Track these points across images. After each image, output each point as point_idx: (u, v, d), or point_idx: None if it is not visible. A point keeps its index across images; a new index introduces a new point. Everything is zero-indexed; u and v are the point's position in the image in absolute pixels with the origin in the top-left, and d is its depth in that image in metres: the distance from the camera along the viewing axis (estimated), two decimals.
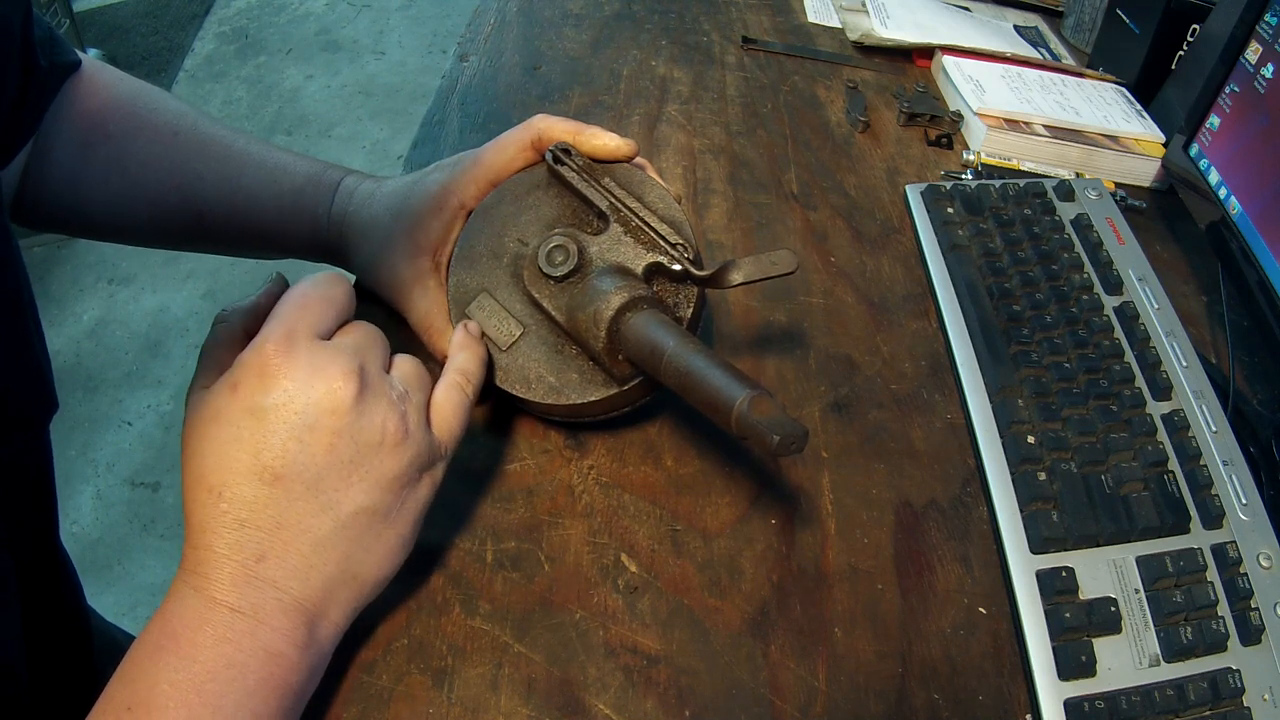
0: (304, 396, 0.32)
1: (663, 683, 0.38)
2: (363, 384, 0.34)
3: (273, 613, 0.32)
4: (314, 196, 0.50)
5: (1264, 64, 0.54)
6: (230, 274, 1.96)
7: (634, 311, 0.39)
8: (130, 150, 0.49)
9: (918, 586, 0.42)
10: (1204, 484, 0.44)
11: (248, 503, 0.32)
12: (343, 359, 0.34)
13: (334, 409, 0.33)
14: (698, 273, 0.42)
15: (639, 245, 0.43)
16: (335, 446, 0.33)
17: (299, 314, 0.34)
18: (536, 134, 0.45)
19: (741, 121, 0.70)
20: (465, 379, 0.40)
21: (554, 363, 0.43)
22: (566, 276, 0.42)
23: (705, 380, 0.36)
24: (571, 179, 0.44)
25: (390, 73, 2.51)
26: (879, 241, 0.61)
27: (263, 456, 0.32)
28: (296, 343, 0.33)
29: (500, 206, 0.46)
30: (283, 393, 0.32)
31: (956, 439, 0.49)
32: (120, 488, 1.60)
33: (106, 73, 0.50)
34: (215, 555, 0.31)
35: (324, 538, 0.33)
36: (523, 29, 0.78)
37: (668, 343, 0.37)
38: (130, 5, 2.67)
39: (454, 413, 0.38)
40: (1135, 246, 0.57)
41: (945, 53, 0.78)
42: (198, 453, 0.33)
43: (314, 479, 0.33)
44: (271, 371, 0.32)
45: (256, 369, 0.33)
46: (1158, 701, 0.38)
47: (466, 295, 0.44)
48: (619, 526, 0.43)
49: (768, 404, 0.34)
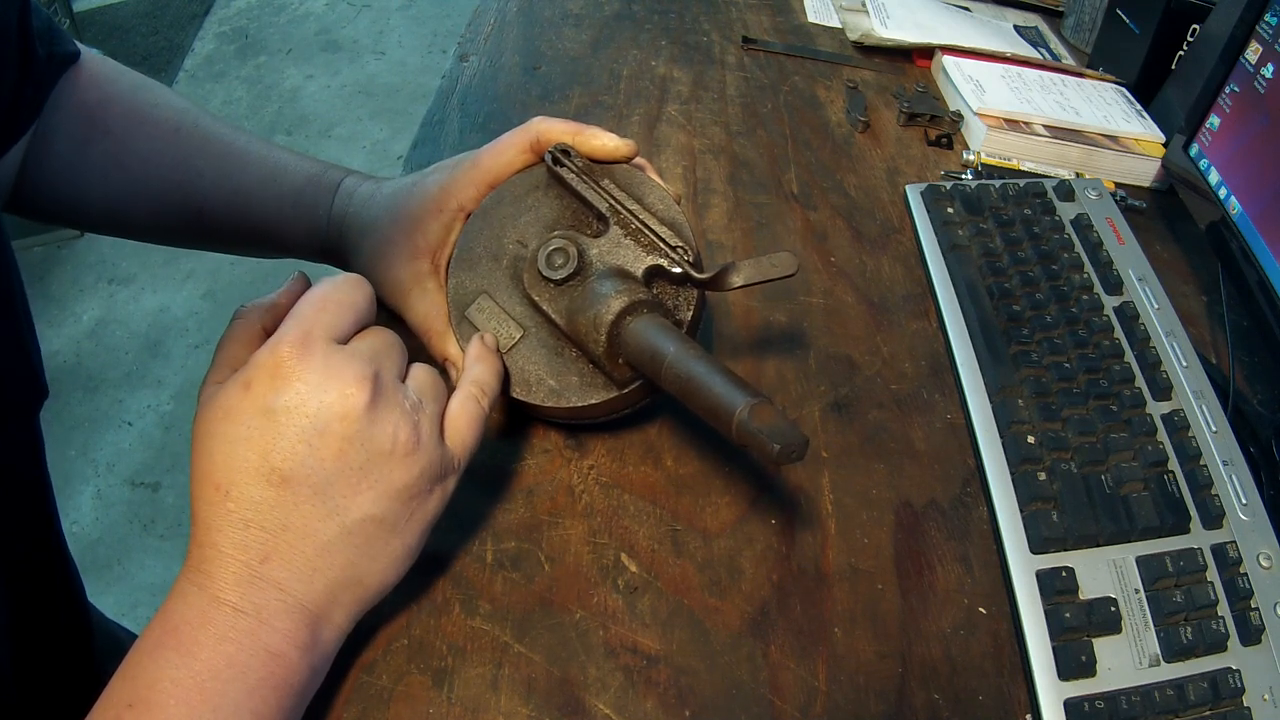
0: (316, 400, 0.32)
1: (663, 683, 0.38)
2: (376, 391, 0.33)
3: (275, 613, 0.32)
4: (314, 197, 0.50)
5: (1264, 64, 0.54)
6: (230, 274, 1.96)
7: (634, 315, 0.39)
8: (131, 146, 0.49)
9: (918, 586, 0.42)
10: (1204, 484, 0.44)
11: (254, 503, 0.32)
12: (357, 364, 0.33)
13: (346, 414, 0.32)
14: (698, 275, 0.42)
15: (639, 247, 0.43)
16: (345, 452, 0.33)
17: (317, 315, 0.34)
18: (535, 136, 0.45)
19: (741, 121, 0.70)
20: (481, 391, 0.39)
21: (554, 365, 0.43)
22: (566, 280, 0.42)
23: (706, 387, 0.36)
24: (571, 180, 0.44)
25: (390, 73, 2.51)
26: (879, 241, 0.61)
27: (271, 458, 0.32)
28: (312, 345, 0.33)
29: (499, 208, 0.46)
30: (295, 395, 0.32)
31: (956, 439, 0.49)
32: (120, 488, 1.60)
33: (107, 67, 0.50)
34: (220, 554, 0.31)
35: (329, 542, 0.33)
36: (523, 29, 0.78)
37: (668, 348, 0.37)
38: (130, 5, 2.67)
39: (468, 425, 0.38)
40: (1135, 246, 0.57)
41: (945, 53, 0.78)
42: (206, 449, 0.32)
43: (322, 484, 0.32)
44: (285, 373, 0.32)
45: (270, 369, 0.32)
46: (1158, 701, 0.38)
47: (466, 297, 0.44)
48: (619, 526, 0.43)
49: (769, 412, 0.34)
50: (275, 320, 0.35)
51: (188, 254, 1.96)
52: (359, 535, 0.33)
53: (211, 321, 1.88)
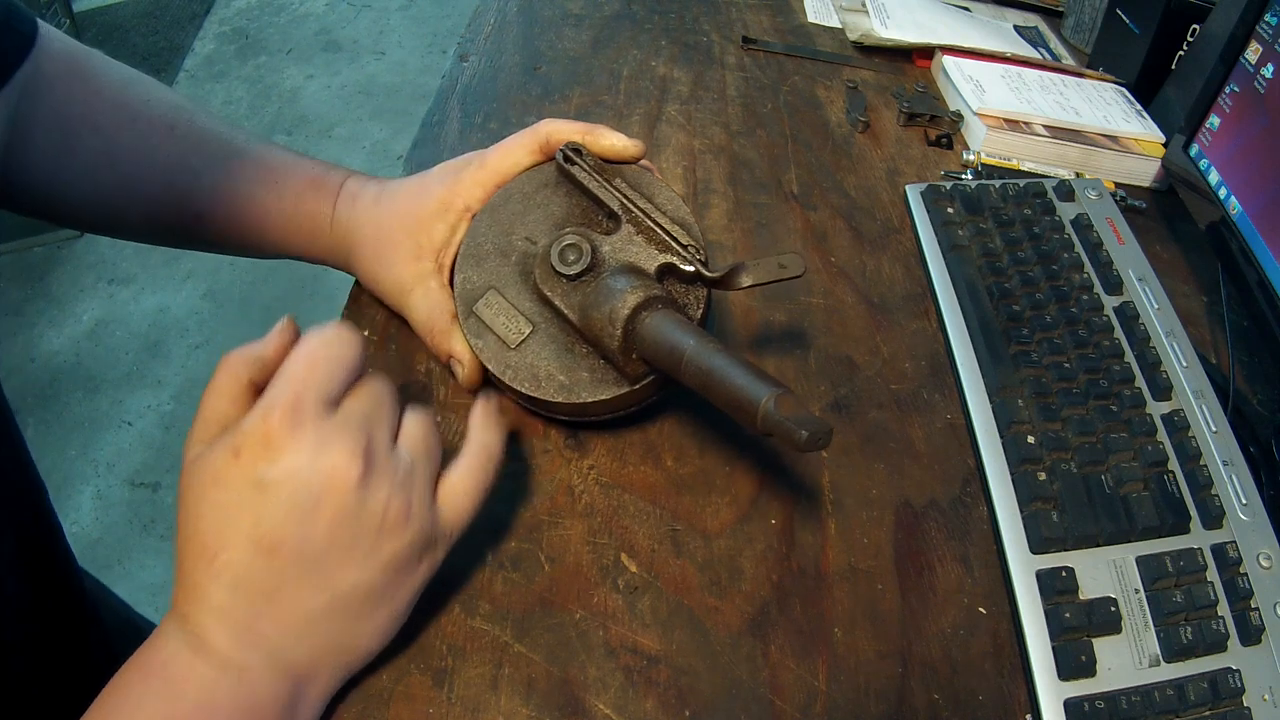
0: (308, 473, 0.31)
1: (663, 683, 0.38)
2: (368, 463, 0.32)
3: (261, 673, 0.32)
4: (316, 202, 0.49)
5: (1264, 64, 0.54)
6: (230, 274, 1.96)
7: (650, 311, 0.40)
8: (122, 143, 0.48)
9: (918, 586, 0.42)
10: (1204, 484, 0.44)
11: (243, 568, 0.31)
12: (350, 435, 0.32)
13: (338, 488, 0.32)
14: (709, 274, 0.42)
15: (651, 246, 0.43)
16: (336, 526, 0.32)
17: (307, 377, 0.32)
18: (544, 137, 0.45)
19: (741, 121, 0.70)
20: (489, 458, 0.38)
21: (564, 361, 0.43)
22: (580, 275, 0.42)
23: (728, 379, 0.36)
24: (583, 179, 0.44)
25: (390, 73, 2.51)
26: (879, 241, 0.61)
27: (262, 526, 0.31)
28: (303, 414, 0.31)
29: (508, 205, 0.46)
30: (286, 467, 0.31)
31: (956, 439, 0.49)
32: (120, 488, 1.60)
33: (94, 59, 0.48)
34: (209, 609, 0.31)
35: (316, 611, 0.32)
36: (523, 29, 0.78)
37: (687, 342, 0.38)
38: (130, 5, 2.67)
39: (468, 495, 0.36)
40: (1135, 246, 0.57)
41: (945, 53, 0.78)
42: (195, 513, 0.32)
43: (312, 556, 0.32)
44: (276, 444, 0.31)
45: (261, 438, 0.31)
46: (1158, 701, 0.38)
47: (474, 293, 0.44)
48: (619, 526, 0.43)
49: (791, 402, 0.35)
50: (263, 374, 0.34)
51: (188, 254, 1.96)
52: (347, 605, 0.33)
53: (211, 322, 1.88)
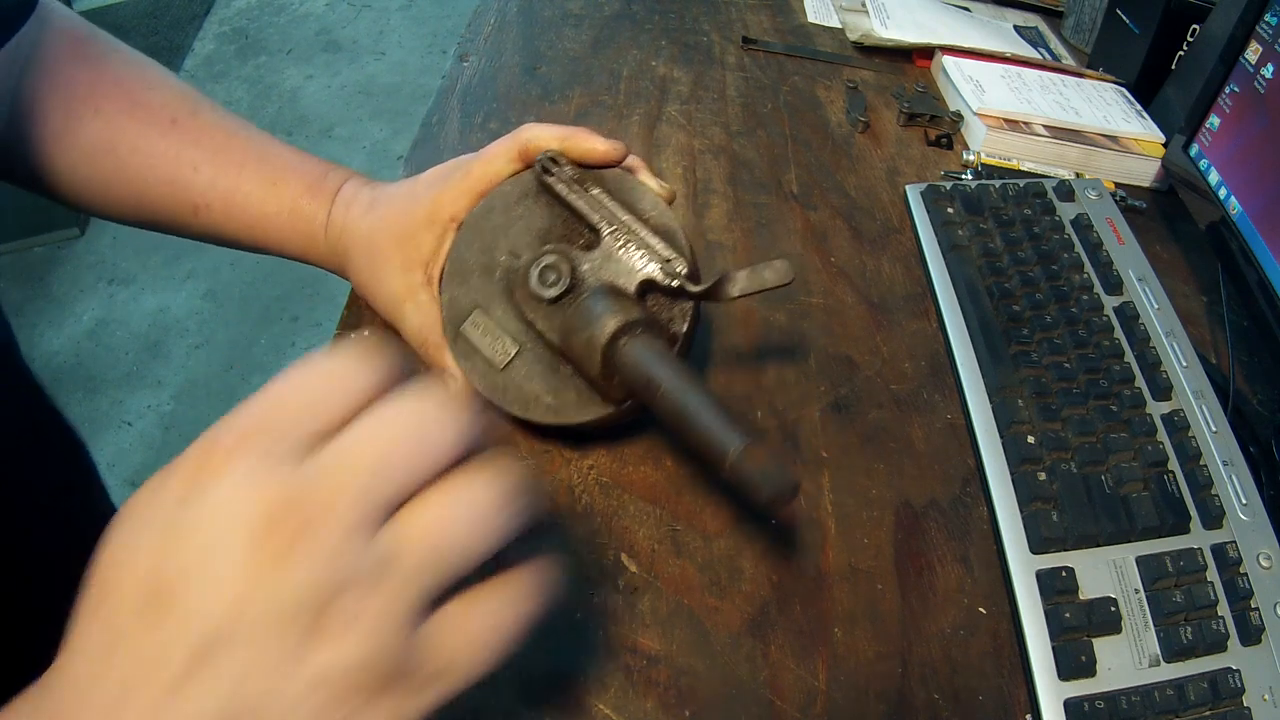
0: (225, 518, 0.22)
1: (663, 683, 0.38)
2: (299, 530, 0.22)
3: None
4: (312, 208, 0.49)
5: (1264, 64, 0.54)
6: (230, 274, 1.96)
7: (629, 336, 0.39)
8: (122, 131, 0.47)
9: (918, 586, 0.42)
10: (1204, 484, 0.44)
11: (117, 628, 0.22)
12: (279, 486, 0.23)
13: (238, 545, 0.22)
14: (692, 288, 0.41)
15: (633, 259, 0.42)
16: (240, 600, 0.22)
17: (267, 414, 0.24)
18: (524, 143, 0.44)
19: (741, 121, 0.70)
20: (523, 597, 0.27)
21: (550, 382, 0.42)
22: (559, 298, 0.41)
23: (698, 423, 0.36)
24: (561, 190, 0.43)
25: (390, 73, 2.51)
26: (879, 241, 0.61)
27: (163, 569, 0.22)
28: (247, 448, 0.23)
29: (490, 218, 0.45)
30: (204, 506, 0.23)
31: (956, 439, 0.49)
32: (120, 488, 1.60)
33: (101, 42, 0.48)
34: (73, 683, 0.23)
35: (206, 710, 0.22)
36: (523, 29, 0.78)
37: (661, 378, 0.37)
38: (130, 5, 2.67)
39: (486, 635, 0.25)
40: (1135, 246, 0.57)
41: (945, 53, 0.78)
42: (114, 527, 0.24)
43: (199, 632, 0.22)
44: (203, 479, 0.23)
45: (196, 463, 0.23)
46: (1158, 701, 0.38)
47: (460, 313, 0.44)
48: (619, 526, 0.43)
49: (761, 454, 0.35)
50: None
51: (188, 254, 1.97)
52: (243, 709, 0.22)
53: (211, 322, 1.88)
